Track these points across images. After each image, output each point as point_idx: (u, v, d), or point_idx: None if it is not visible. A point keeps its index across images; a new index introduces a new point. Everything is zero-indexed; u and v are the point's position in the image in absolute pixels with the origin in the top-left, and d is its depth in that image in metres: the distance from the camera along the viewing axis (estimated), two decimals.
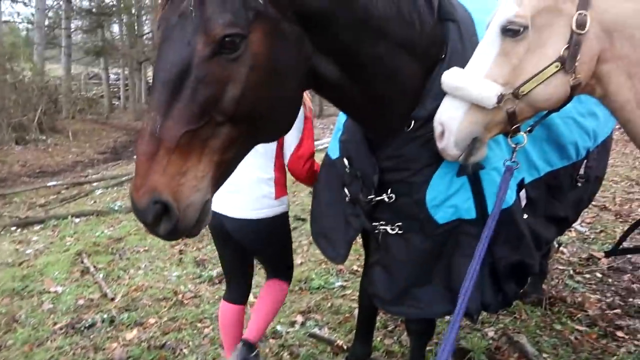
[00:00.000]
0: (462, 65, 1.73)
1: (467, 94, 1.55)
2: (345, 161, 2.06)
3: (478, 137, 1.60)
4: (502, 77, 1.51)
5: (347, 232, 2.12)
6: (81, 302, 4.20)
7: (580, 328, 3.29)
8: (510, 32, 1.49)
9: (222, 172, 1.46)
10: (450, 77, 1.61)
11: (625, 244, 4.24)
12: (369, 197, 1.93)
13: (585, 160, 2.25)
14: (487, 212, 1.84)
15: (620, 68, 1.49)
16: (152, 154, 1.32)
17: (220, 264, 3.08)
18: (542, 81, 1.49)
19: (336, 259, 2.20)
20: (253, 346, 2.69)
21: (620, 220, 5.34)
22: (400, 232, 1.95)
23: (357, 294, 2.92)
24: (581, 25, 1.45)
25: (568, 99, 1.56)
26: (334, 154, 2.21)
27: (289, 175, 2.60)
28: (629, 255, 4.31)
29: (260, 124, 1.48)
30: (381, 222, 1.98)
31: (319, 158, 2.44)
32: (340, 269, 4.37)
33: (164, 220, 1.36)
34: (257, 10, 1.36)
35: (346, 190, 2.10)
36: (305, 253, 4.93)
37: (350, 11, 1.54)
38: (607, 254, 2.51)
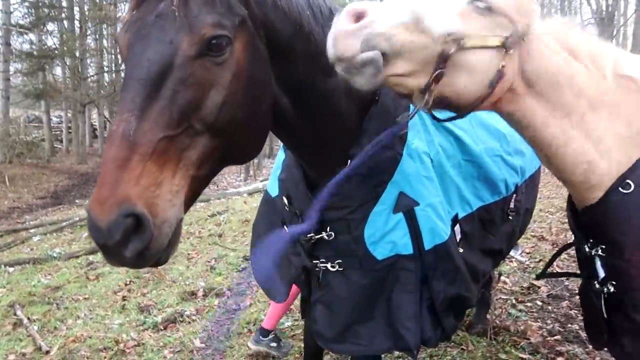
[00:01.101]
0: (394, 108, 1.82)
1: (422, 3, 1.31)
2: (285, 200, 2.08)
3: (388, 55, 1.29)
4: (456, 14, 1.34)
5: (288, 271, 2.12)
6: (12, 357, 3.91)
7: (524, 356, 3.38)
8: (483, 7, 1.37)
9: (194, 189, 1.33)
10: None
11: (560, 271, 4.46)
12: (309, 235, 1.94)
13: (514, 195, 2.39)
14: (423, 248, 1.89)
15: (545, 105, 1.56)
16: (123, 159, 1.15)
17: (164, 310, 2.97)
18: (482, 46, 1.38)
19: (276, 298, 2.18)
20: (268, 332, 3.61)
21: (557, 249, 5.59)
22: (340, 269, 1.96)
23: None
24: (523, 33, 1.44)
25: (479, 105, 1.47)
26: (273, 191, 2.23)
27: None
28: (566, 283, 4.51)
29: (236, 138, 1.42)
30: (321, 260, 1.99)
31: None
32: (289, 309, 4.32)
33: (134, 238, 1.15)
34: (242, 18, 1.35)
35: (286, 228, 2.11)
36: (255, 294, 4.85)
37: (307, 44, 1.60)
38: (537, 277, 2.62)
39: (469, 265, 2.10)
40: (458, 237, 2.09)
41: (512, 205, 2.40)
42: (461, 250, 2.07)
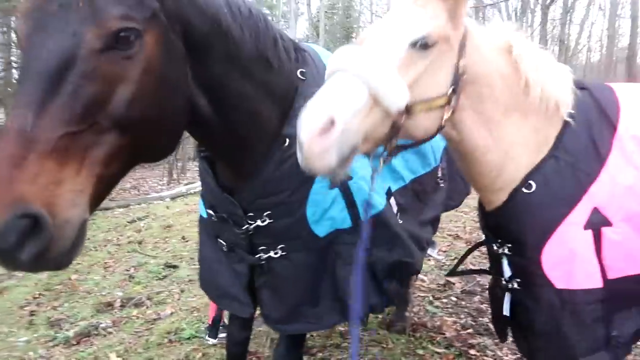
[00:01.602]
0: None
1: (376, 81, 1.33)
2: (210, 211, 2.05)
3: (357, 145, 1.36)
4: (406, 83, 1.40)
5: (240, 281, 2.10)
6: None
7: (440, 350, 3.54)
8: (422, 45, 1.43)
9: (101, 190, 1.27)
10: (353, 55, 1.37)
11: (474, 268, 4.72)
12: (243, 227, 1.93)
13: (440, 163, 2.53)
14: (360, 219, 1.95)
15: (473, 117, 1.65)
16: (19, 157, 1.07)
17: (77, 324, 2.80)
18: (431, 109, 1.48)
19: (246, 311, 2.16)
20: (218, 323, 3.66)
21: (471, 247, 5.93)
22: (284, 253, 1.97)
23: None
24: (463, 70, 1.54)
25: (432, 137, 1.61)
26: (203, 212, 2.21)
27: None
28: (478, 279, 4.78)
29: (147, 136, 1.36)
30: (263, 249, 1.98)
31: (192, 201, 2.40)
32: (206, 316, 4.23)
33: (31, 241, 1.07)
34: (153, 11, 1.30)
35: (221, 241, 2.08)
36: (176, 302, 4.69)
37: (225, 44, 1.58)
38: (448, 275, 2.79)
39: (411, 234, 2.20)
40: (395, 209, 2.17)
41: (439, 173, 2.54)
42: (400, 221, 2.16)
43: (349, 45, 1.45)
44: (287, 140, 1.83)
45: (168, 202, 9.91)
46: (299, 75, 1.91)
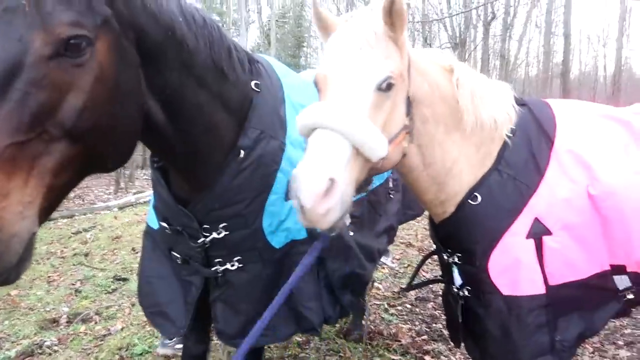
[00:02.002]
0: (270, 123, 1.87)
1: (360, 137, 1.39)
2: (164, 224, 2.02)
3: (351, 195, 1.45)
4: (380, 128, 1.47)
5: (187, 296, 2.07)
6: None
7: (396, 358, 3.62)
8: (387, 86, 1.49)
9: (51, 200, 1.23)
10: (333, 112, 1.41)
11: (427, 275, 4.86)
12: (199, 241, 1.92)
13: (391, 174, 2.62)
14: (315, 230, 1.98)
15: (415, 138, 1.71)
16: None
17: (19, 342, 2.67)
18: (397, 143, 1.56)
19: (179, 333, 2.11)
20: None
21: (423, 254, 6.11)
22: (240, 265, 1.97)
23: None
24: (412, 97, 1.62)
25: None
26: (154, 224, 2.16)
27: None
28: (431, 286, 4.93)
29: (100, 145, 1.33)
30: (219, 261, 1.97)
31: (142, 210, 2.35)
32: None
33: None
34: (104, 17, 1.27)
35: (175, 253, 2.05)
36: (127, 316, 4.54)
37: (179, 52, 1.57)
38: (405, 290, 2.87)
39: (362, 246, 2.25)
40: (348, 221, 2.23)
41: (390, 184, 2.62)
42: (351, 233, 2.20)
43: (320, 102, 1.50)
44: (242, 151, 1.84)
45: (116, 212, 9.57)
46: (253, 87, 1.93)
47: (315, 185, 1.31)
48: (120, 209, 9.86)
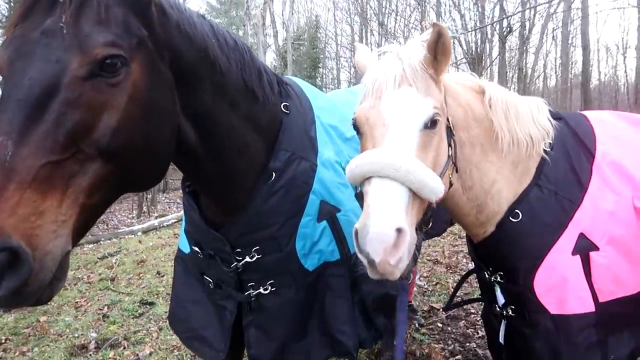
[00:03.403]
0: (300, 144, 1.86)
1: (419, 182, 1.37)
2: (196, 248, 2.01)
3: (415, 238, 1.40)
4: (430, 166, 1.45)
5: (222, 321, 2.04)
6: None
7: None
8: (432, 124, 1.48)
9: (85, 220, 1.23)
10: (388, 160, 1.37)
11: (458, 293, 4.75)
12: (232, 265, 1.90)
13: None
14: (349, 251, 1.95)
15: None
16: None
17: None
18: (444, 174, 1.54)
19: (219, 357, 2.07)
20: None
21: (451, 271, 5.99)
22: (273, 289, 1.94)
23: None
24: (452, 125, 1.61)
25: None
26: (186, 248, 2.16)
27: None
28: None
29: (133, 165, 1.33)
30: (252, 285, 1.95)
31: (166, 234, 2.34)
32: (194, 354, 4.09)
33: (9, 275, 1.03)
34: (140, 38, 1.29)
35: (207, 277, 2.04)
36: (155, 341, 4.52)
37: (212, 73, 1.59)
38: (445, 310, 2.79)
39: None
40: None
41: None
42: None
43: (372, 150, 1.45)
44: (274, 174, 1.84)
45: (140, 236, 9.67)
46: (283, 109, 1.93)
47: (385, 238, 1.28)
48: (144, 233, 9.96)
